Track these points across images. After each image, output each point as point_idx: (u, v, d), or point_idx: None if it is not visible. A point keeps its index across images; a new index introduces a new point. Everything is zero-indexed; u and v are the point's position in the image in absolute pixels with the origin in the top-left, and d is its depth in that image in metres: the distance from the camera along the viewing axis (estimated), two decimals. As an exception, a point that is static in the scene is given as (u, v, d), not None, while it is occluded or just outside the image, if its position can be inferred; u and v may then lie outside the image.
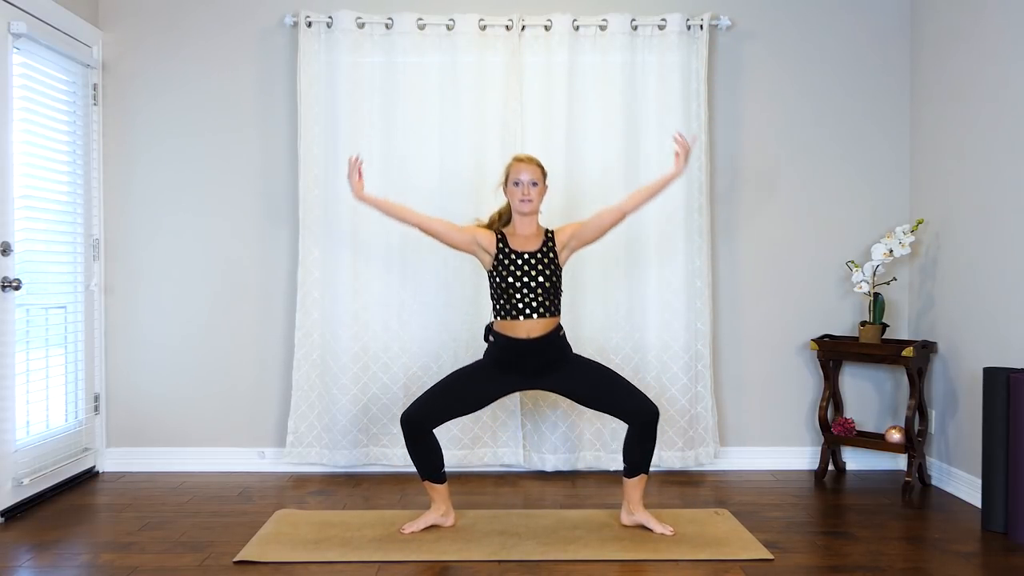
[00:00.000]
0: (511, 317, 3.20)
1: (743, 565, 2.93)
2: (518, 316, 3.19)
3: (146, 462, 4.18)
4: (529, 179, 3.24)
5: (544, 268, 3.22)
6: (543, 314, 3.20)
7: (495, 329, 3.27)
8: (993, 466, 3.30)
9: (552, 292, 3.23)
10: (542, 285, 3.20)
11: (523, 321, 3.19)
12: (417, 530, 3.21)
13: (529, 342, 3.19)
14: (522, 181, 3.24)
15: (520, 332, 3.20)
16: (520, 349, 3.21)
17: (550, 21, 4.08)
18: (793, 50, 4.25)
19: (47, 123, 3.76)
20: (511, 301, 3.20)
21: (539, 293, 3.19)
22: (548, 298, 3.21)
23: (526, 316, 3.18)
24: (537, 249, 3.25)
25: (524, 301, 3.19)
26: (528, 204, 3.24)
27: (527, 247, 3.26)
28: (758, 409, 4.27)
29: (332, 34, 4.07)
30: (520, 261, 3.22)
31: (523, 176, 3.24)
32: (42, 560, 2.99)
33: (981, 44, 3.68)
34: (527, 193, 3.23)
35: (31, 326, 3.66)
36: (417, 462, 3.23)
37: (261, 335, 4.20)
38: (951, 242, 3.91)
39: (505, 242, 3.27)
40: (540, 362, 3.23)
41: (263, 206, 4.19)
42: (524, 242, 3.28)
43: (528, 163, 3.28)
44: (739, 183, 4.24)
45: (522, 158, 3.32)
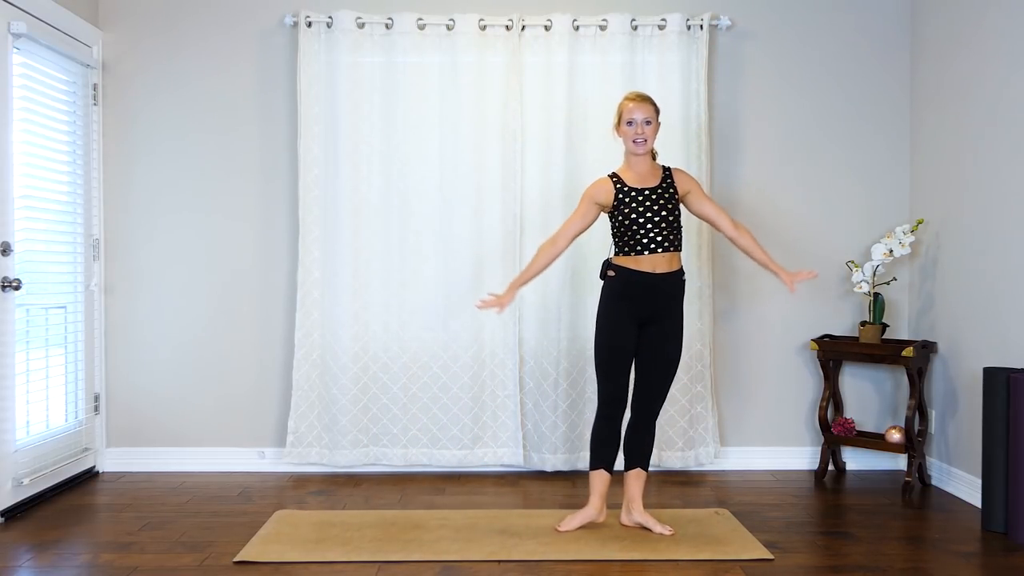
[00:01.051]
0: (635, 252, 3.17)
1: (743, 565, 2.93)
2: (643, 251, 3.16)
3: (146, 462, 4.18)
4: (643, 118, 3.18)
5: (665, 203, 3.19)
6: (668, 248, 3.17)
7: (616, 264, 3.22)
8: (993, 466, 3.30)
9: (675, 226, 3.20)
10: (665, 219, 3.17)
11: (648, 256, 3.16)
12: (572, 528, 3.25)
13: (654, 276, 3.17)
14: (636, 120, 3.18)
15: (645, 266, 3.17)
16: (646, 283, 3.17)
17: (550, 21, 4.08)
18: (793, 50, 4.25)
19: (47, 123, 3.76)
20: (635, 237, 3.17)
21: (663, 228, 3.16)
22: (673, 231, 3.19)
23: (651, 251, 3.16)
24: (657, 185, 3.22)
25: (649, 236, 3.16)
26: (642, 145, 3.20)
27: (646, 183, 3.22)
28: (758, 409, 4.27)
29: (332, 34, 4.07)
30: (641, 197, 3.18)
31: (636, 115, 3.18)
32: (42, 560, 2.99)
33: (981, 45, 3.68)
34: (641, 132, 3.18)
35: (31, 326, 3.66)
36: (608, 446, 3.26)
37: (261, 335, 4.20)
38: (951, 242, 3.91)
39: (621, 182, 3.24)
40: (659, 300, 3.19)
41: (263, 206, 4.19)
42: (642, 179, 3.23)
43: (641, 101, 3.19)
44: (739, 183, 4.24)
45: (633, 96, 3.22)
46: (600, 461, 3.28)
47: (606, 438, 3.27)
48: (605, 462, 3.28)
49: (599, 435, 3.28)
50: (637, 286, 3.18)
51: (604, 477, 3.29)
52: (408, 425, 4.10)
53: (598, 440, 3.28)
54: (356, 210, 4.07)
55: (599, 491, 3.29)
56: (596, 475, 3.28)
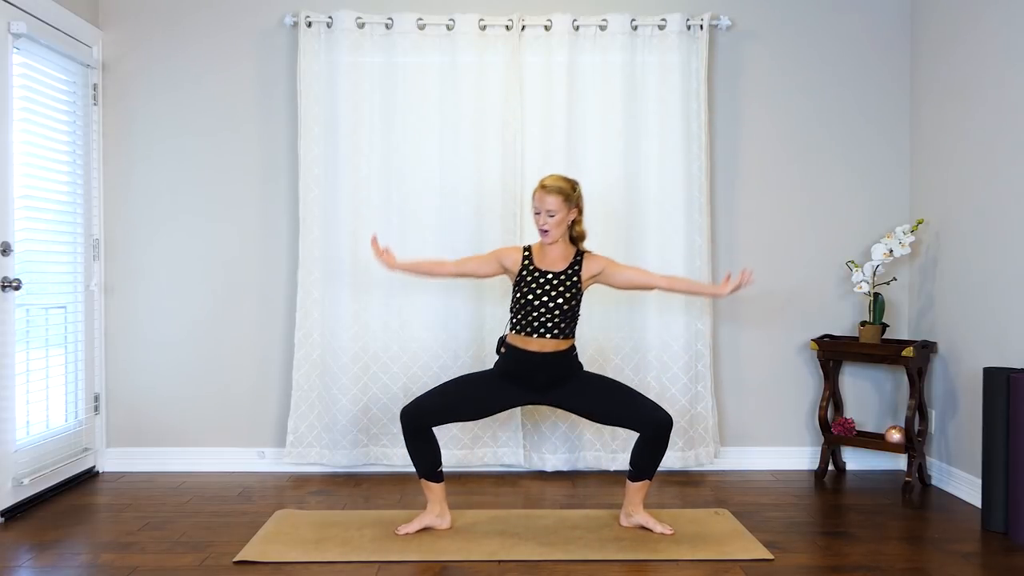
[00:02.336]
0: (525, 333, 3.19)
1: (743, 565, 2.93)
2: (532, 334, 3.18)
3: (146, 462, 4.18)
4: (546, 210, 3.17)
5: (565, 291, 3.19)
6: (557, 335, 3.18)
7: (508, 341, 3.25)
8: (993, 466, 3.30)
9: (570, 316, 3.21)
10: (560, 308, 3.18)
11: (536, 339, 3.18)
12: (412, 532, 3.21)
13: (540, 356, 3.19)
14: (540, 210, 3.20)
15: (532, 347, 3.19)
16: (531, 363, 3.19)
17: (550, 21, 4.08)
18: (793, 50, 4.25)
19: (47, 123, 3.76)
20: (527, 318, 3.18)
21: (556, 315, 3.17)
22: (565, 320, 3.19)
23: (540, 335, 3.17)
24: (562, 271, 3.22)
25: (540, 320, 3.17)
26: (546, 235, 3.21)
27: (553, 266, 3.23)
28: (758, 409, 4.27)
29: (332, 34, 4.07)
30: (543, 280, 3.20)
31: (540, 206, 3.19)
32: (42, 560, 2.99)
33: (981, 44, 3.68)
34: (544, 223, 3.19)
35: (31, 326, 3.66)
36: (415, 458, 3.22)
37: (261, 335, 4.20)
38: (951, 242, 3.90)
39: (531, 259, 3.26)
40: (550, 377, 3.22)
41: (263, 206, 4.19)
42: (551, 261, 3.24)
43: (546, 193, 3.18)
44: (739, 183, 4.24)
45: (543, 185, 3.21)
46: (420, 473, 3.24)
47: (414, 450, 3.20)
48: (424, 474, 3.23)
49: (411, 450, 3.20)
50: (525, 364, 3.20)
51: (430, 487, 3.24)
52: (408, 425, 4.10)
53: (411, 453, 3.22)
54: (356, 210, 4.07)
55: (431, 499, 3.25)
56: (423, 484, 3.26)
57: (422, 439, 3.20)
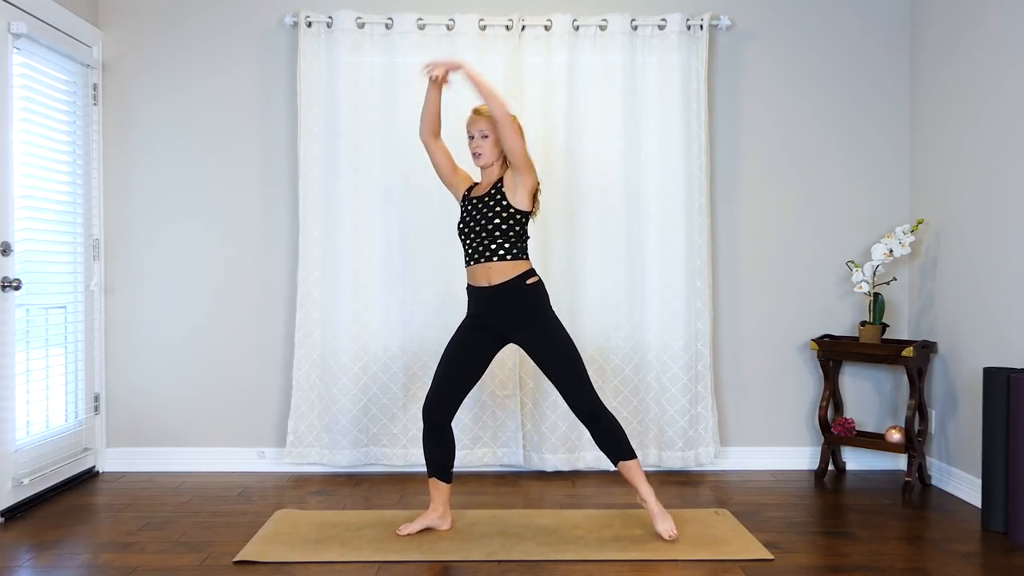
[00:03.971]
0: (471, 264, 3.16)
1: (743, 565, 2.93)
2: (472, 262, 3.15)
3: (146, 462, 4.18)
4: (479, 132, 3.17)
5: (489, 210, 3.12)
6: (499, 258, 3.10)
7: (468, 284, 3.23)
8: (993, 466, 3.30)
9: (504, 233, 3.09)
10: (473, 229, 3.13)
11: (479, 267, 3.13)
12: (413, 532, 3.20)
13: (490, 288, 3.12)
14: (472, 135, 3.20)
15: (480, 279, 3.14)
16: (482, 297, 3.15)
17: (550, 21, 4.08)
18: (793, 50, 4.25)
19: (47, 123, 3.76)
20: (466, 247, 3.17)
21: (472, 238, 3.13)
22: (482, 241, 3.11)
23: (479, 261, 3.12)
24: (484, 192, 3.19)
25: (473, 245, 3.14)
26: (478, 158, 3.19)
27: (478, 191, 3.22)
28: (758, 409, 4.27)
29: (332, 34, 4.07)
30: (470, 207, 3.19)
31: (472, 129, 3.19)
32: (42, 560, 2.99)
33: (981, 45, 3.68)
34: (478, 146, 3.18)
35: (31, 326, 3.66)
36: (429, 456, 3.21)
37: (261, 335, 4.20)
38: (951, 242, 3.90)
39: (470, 189, 3.26)
40: (505, 310, 3.13)
41: (263, 206, 4.19)
42: (481, 188, 3.23)
43: (476, 116, 3.18)
44: (739, 183, 4.24)
45: (475, 110, 3.21)
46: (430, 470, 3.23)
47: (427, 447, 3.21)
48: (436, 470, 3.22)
49: (428, 448, 3.21)
50: (477, 302, 3.18)
51: (437, 485, 3.23)
52: (408, 425, 4.10)
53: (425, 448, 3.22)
54: (356, 210, 4.07)
55: (435, 498, 3.24)
56: (431, 482, 3.25)
57: (437, 435, 3.19)
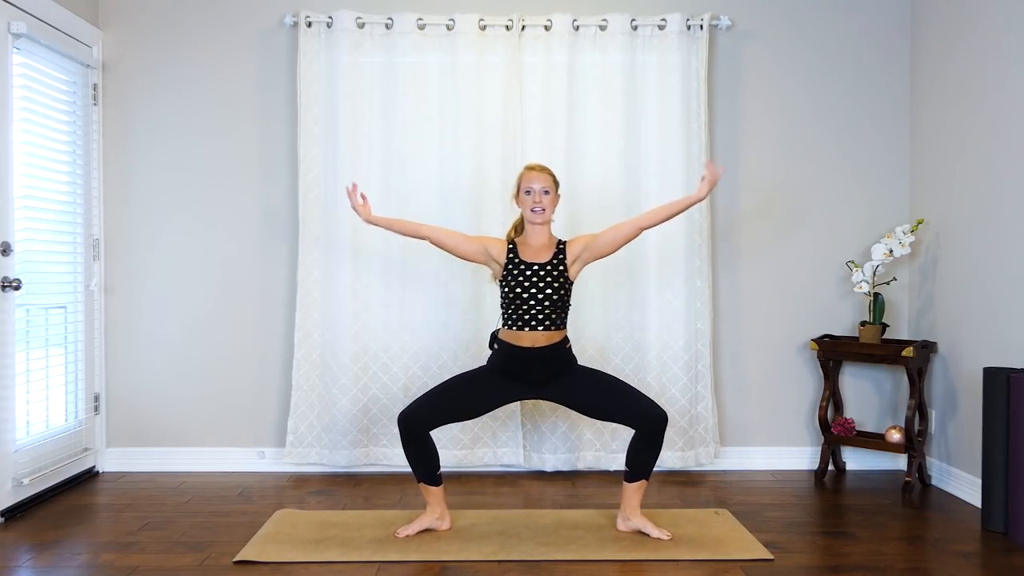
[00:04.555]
0: (517, 328, 3.19)
1: (743, 565, 2.93)
2: (524, 327, 3.18)
3: (146, 462, 4.18)
4: (541, 187, 3.21)
5: (553, 281, 3.19)
6: (549, 327, 3.18)
7: (500, 337, 3.25)
8: (993, 466, 3.30)
9: (560, 305, 3.20)
10: (550, 298, 3.17)
11: (528, 332, 3.18)
12: (412, 534, 3.20)
13: (533, 351, 3.18)
14: (534, 190, 3.21)
15: (525, 342, 3.18)
16: (524, 358, 3.18)
17: (550, 21, 4.08)
18: (793, 50, 4.25)
19: (47, 123, 3.76)
20: (518, 312, 3.18)
21: (546, 306, 3.17)
22: (555, 311, 3.19)
23: (531, 328, 3.17)
24: (547, 261, 3.22)
25: (531, 313, 3.17)
26: (540, 214, 3.21)
27: (537, 258, 3.23)
28: (758, 409, 4.27)
29: (332, 34, 4.07)
30: (529, 272, 3.19)
31: (535, 185, 3.22)
32: (42, 560, 2.99)
33: (981, 44, 3.68)
34: (539, 201, 3.20)
35: (31, 326, 3.66)
36: (413, 463, 3.21)
37: (261, 335, 4.20)
38: (951, 242, 3.90)
39: (516, 252, 3.25)
40: (544, 372, 3.21)
41: (263, 206, 4.19)
42: (535, 253, 3.24)
43: (540, 172, 3.24)
44: (739, 183, 4.24)
45: (533, 167, 3.28)
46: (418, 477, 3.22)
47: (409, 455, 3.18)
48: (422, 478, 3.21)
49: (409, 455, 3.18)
50: (518, 360, 3.19)
51: (428, 490, 3.22)
52: (408, 425, 4.10)
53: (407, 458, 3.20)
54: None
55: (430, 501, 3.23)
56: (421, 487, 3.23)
57: (420, 444, 3.18)
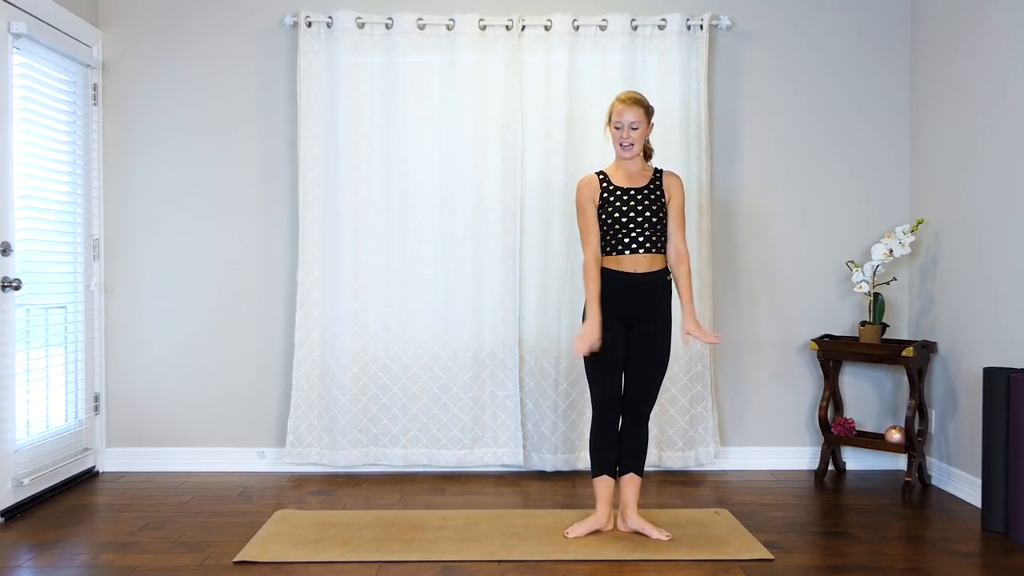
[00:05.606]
0: (617, 252, 3.13)
1: (743, 565, 2.93)
2: (624, 251, 3.12)
3: (146, 462, 4.18)
4: (629, 122, 3.11)
5: (651, 204, 3.15)
6: (650, 249, 3.13)
7: (604, 266, 3.17)
8: (993, 466, 3.30)
9: (659, 229, 3.14)
10: (649, 220, 3.13)
11: (629, 256, 3.12)
12: (581, 535, 3.17)
13: (635, 276, 3.13)
14: (623, 124, 3.13)
15: (626, 266, 3.13)
16: (626, 283, 3.14)
17: (550, 21, 4.08)
18: (793, 50, 4.25)
19: (47, 123, 3.75)
20: (618, 236, 3.13)
21: (646, 229, 3.12)
22: (656, 233, 3.14)
23: (632, 251, 3.12)
24: (644, 185, 3.18)
25: (632, 236, 3.12)
26: (629, 149, 3.15)
27: (634, 183, 3.18)
28: (758, 409, 4.27)
29: (332, 34, 4.07)
30: (626, 197, 3.15)
31: (624, 118, 3.12)
32: (42, 560, 2.99)
33: (981, 44, 3.68)
34: (628, 136, 3.13)
35: (31, 326, 3.66)
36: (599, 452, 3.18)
37: (261, 335, 4.20)
38: (951, 242, 3.90)
39: (608, 180, 3.20)
40: (643, 299, 3.14)
41: (263, 206, 4.19)
42: (630, 178, 3.19)
43: (630, 104, 3.11)
44: (739, 183, 4.24)
45: (624, 97, 3.14)
46: (600, 467, 3.21)
47: (603, 442, 3.21)
48: (606, 468, 3.22)
49: (596, 440, 3.21)
50: (619, 286, 3.15)
51: (608, 483, 3.22)
52: (408, 425, 4.10)
53: (596, 445, 3.22)
54: (356, 210, 4.07)
55: (604, 497, 3.22)
56: (599, 481, 3.22)
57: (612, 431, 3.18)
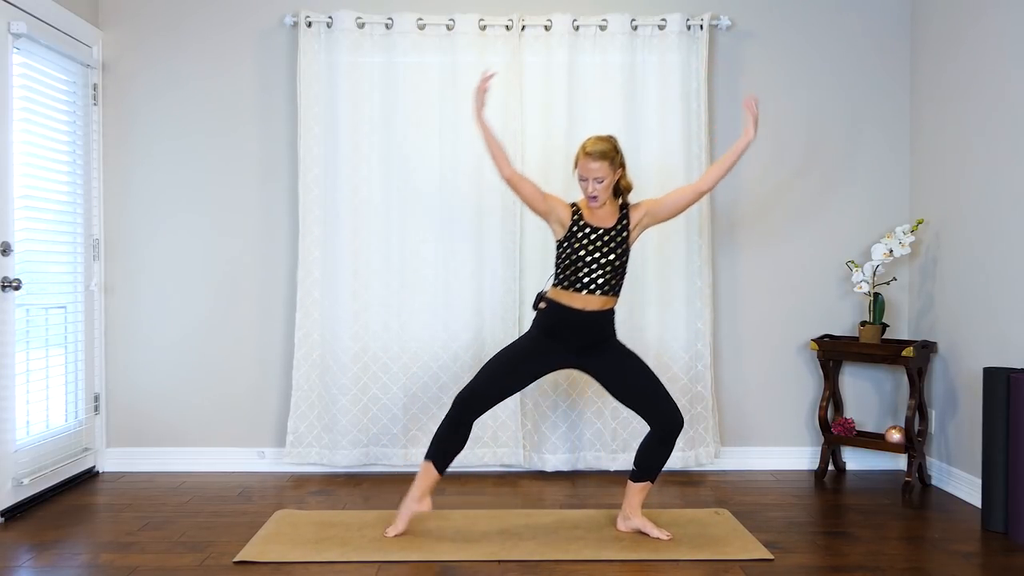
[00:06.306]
0: (574, 289, 3.15)
1: (743, 565, 2.93)
2: (581, 290, 3.15)
3: (146, 462, 4.18)
4: (595, 176, 3.13)
5: (616, 247, 3.17)
6: (606, 292, 3.16)
7: (549, 296, 3.20)
8: (993, 466, 3.30)
9: (619, 272, 3.19)
10: (612, 263, 3.16)
11: (583, 295, 3.15)
12: (401, 529, 3.18)
13: (585, 313, 3.15)
14: (588, 178, 3.15)
15: (577, 303, 3.15)
16: (572, 320, 3.16)
17: (550, 21, 4.08)
18: (793, 50, 4.25)
19: (47, 123, 3.75)
20: (577, 274, 3.15)
21: (607, 271, 3.15)
22: (615, 277, 3.18)
23: (589, 291, 3.14)
24: (611, 227, 3.19)
25: (590, 276, 3.14)
26: (595, 201, 3.17)
27: (603, 223, 3.20)
28: (758, 409, 4.27)
29: (332, 34, 4.07)
30: (593, 236, 3.17)
31: (589, 172, 3.14)
32: (42, 560, 2.99)
33: (981, 44, 3.68)
34: (593, 191, 3.15)
35: (31, 326, 3.66)
36: (439, 442, 3.17)
37: (261, 335, 4.20)
38: (951, 242, 3.91)
39: (579, 215, 3.21)
40: (588, 337, 3.18)
41: (263, 206, 4.19)
42: (600, 217, 3.20)
43: (595, 157, 3.11)
44: (739, 183, 4.24)
45: (589, 150, 3.13)
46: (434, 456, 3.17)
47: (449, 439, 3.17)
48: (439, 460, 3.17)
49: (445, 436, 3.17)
50: (567, 320, 3.16)
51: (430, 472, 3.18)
52: (408, 425, 4.10)
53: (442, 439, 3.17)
54: (356, 210, 4.07)
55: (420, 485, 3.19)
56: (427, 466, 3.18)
57: (462, 430, 3.17)
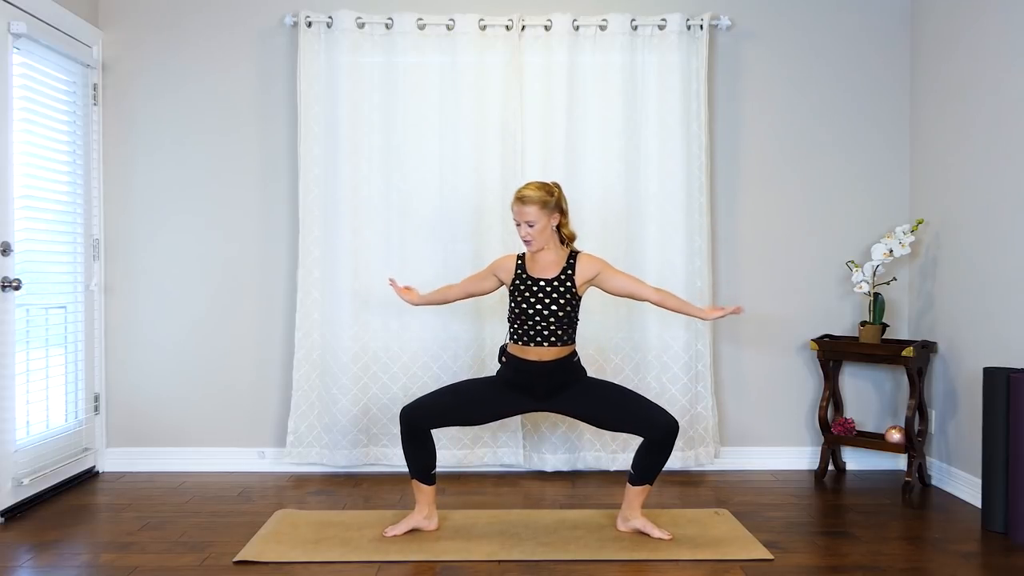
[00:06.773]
0: (523, 343, 3.16)
1: (743, 565, 2.93)
2: (530, 343, 3.15)
3: (146, 462, 4.18)
4: (526, 220, 3.13)
5: (559, 297, 3.15)
6: (555, 343, 3.14)
7: (508, 351, 3.22)
8: (993, 466, 3.30)
9: (567, 322, 3.16)
10: (555, 315, 3.13)
11: (534, 348, 3.14)
12: (399, 533, 3.19)
13: (540, 364, 3.15)
14: (519, 222, 3.16)
15: (531, 356, 3.15)
16: (531, 373, 3.16)
17: (550, 21, 4.08)
18: (793, 50, 4.25)
19: (47, 123, 3.76)
20: (524, 327, 3.15)
21: (552, 322, 3.13)
22: (562, 327, 3.15)
23: (537, 344, 3.14)
24: (555, 277, 3.17)
25: (536, 329, 3.14)
26: (529, 245, 3.18)
27: (545, 273, 3.19)
28: (758, 409, 4.27)
29: (332, 34, 4.07)
30: (536, 288, 3.16)
31: (519, 217, 3.15)
32: (42, 560, 2.99)
33: (981, 44, 3.68)
34: (527, 235, 3.16)
35: (31, 326, 3.66)
36: (409, 459, 3.20)
37: (261, 335, 4.20)
38: (951, 242, 3.91)
39: (523, 267, 3.22)
40: (551, 385, 3.18)
41: (263, 206, 4.19)
42: (542, 268, 3.20)
43: (525, 202, 3.12)
44: (739, 183, 4.24)
45: (520, 195, 3.15)
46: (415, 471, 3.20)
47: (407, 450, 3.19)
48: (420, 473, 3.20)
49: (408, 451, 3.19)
50: (525, 374, 3.17)
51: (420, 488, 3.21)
52: (408, 425, 4.10)
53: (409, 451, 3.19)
54: (356, 210, 4.07)
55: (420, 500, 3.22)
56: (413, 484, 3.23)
57: (419, 441, 3.18)
